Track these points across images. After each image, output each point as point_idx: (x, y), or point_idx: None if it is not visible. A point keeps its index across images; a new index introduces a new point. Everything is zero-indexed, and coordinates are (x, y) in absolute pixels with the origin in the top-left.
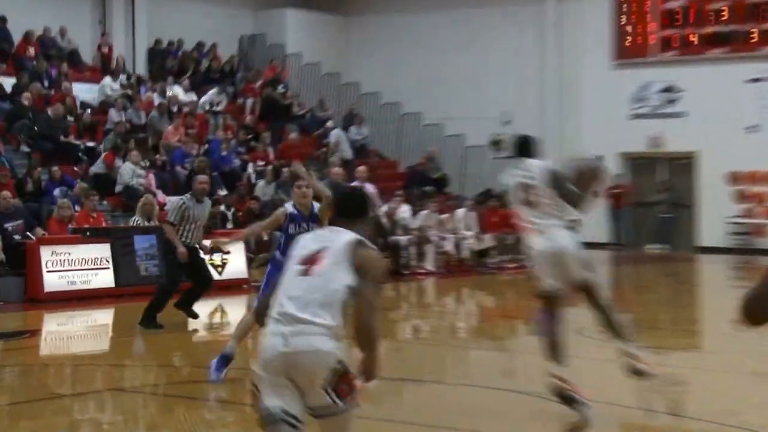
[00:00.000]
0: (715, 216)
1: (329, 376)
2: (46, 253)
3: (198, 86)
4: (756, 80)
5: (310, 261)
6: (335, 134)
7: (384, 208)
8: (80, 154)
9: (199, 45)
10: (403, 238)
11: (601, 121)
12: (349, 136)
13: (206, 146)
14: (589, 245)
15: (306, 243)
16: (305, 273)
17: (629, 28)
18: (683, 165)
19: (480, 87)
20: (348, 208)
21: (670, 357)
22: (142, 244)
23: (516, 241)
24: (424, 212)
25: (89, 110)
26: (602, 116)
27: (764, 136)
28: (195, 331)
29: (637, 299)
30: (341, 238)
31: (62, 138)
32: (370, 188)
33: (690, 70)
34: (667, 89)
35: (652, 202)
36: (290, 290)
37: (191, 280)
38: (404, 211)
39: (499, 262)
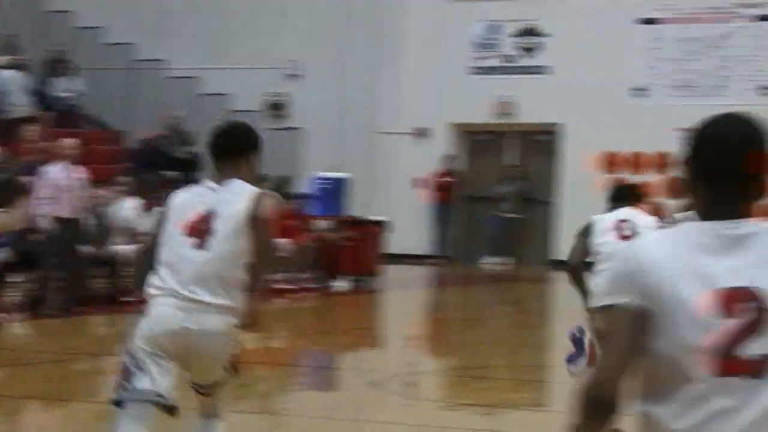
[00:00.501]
0: (580, 217)
1: (225, 355)
2: None
3: None
4: (649, 21)
5: (198, 230)
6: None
7: (97, 203)
8: None
9: None
10: (125, 248)
11: (426, 78)
12: (50, 91)
13: None
14: (403, 258)
15: (187, 202)
16: (198, 246)
17: None
18: (541, 143)
19: (253, 27)
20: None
21: (505, 417)
22: None
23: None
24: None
25: None
26: (429, 71)
27: (655, 102)
28: None
29: (461, 336)
30: (233, 199)
31: None
32: (77, 173)
33: (556, 7)
34: (524, 33)
35: (494, 196)
36: (180, 264)
37: None
38: (128, 207)
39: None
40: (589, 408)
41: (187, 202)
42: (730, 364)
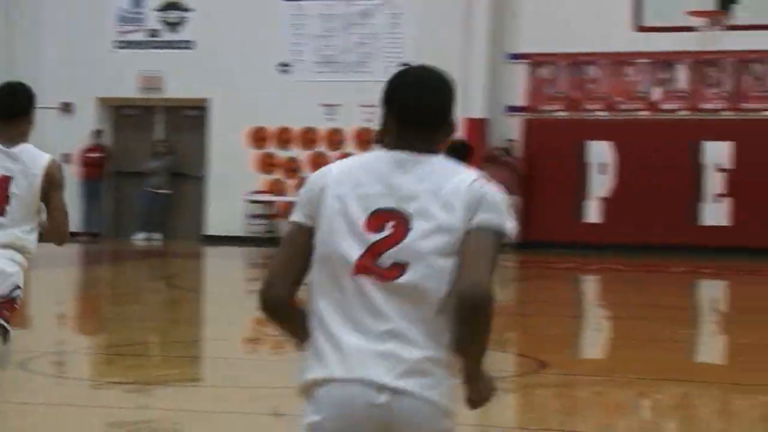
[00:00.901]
0: (230, 193)
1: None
2: None
3: None
4: None
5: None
6: None
7: None
8: None
9: None
10: None
11: (70, 52)
12: None
13: None
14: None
15: None
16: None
17: None
18: (189, 118)
19: None
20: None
21: (155, 394)
22: None
23: None
24: None
25: None
26: (72, 44)
27: (300, 78)
28: None
29: (113, 314)
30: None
31: None
32: None
33: None
34: (168, 7)
35: (143, 172)
36: None
37: None
38: None
39: None
40: (263, 305)
41: None
42: (373, 270)
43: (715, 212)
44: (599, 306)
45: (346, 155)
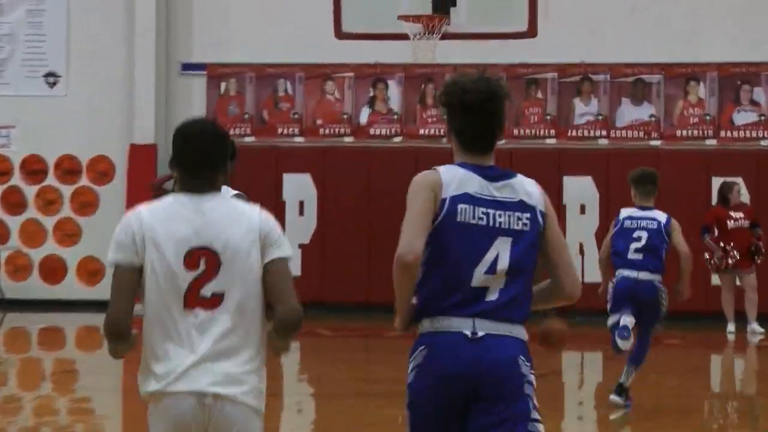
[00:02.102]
0: None
1: None
2: None
3: None
4: None
5: None
6: None
7: None
8: None
9: None
10: None
11: None
12: None
13: None
14: None
15: None
16: None
17: None
18: None
19: None
20: None
21: None
22: None
23: None
24: None
25: None
26: None
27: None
28: None
29: None
30: None
31: None
32: None
33: None
34: None
35: None
36: None
37: None
38: None
39: None
40: (108, 336)
41: None
42: (196, 301)
43: None
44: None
45: None
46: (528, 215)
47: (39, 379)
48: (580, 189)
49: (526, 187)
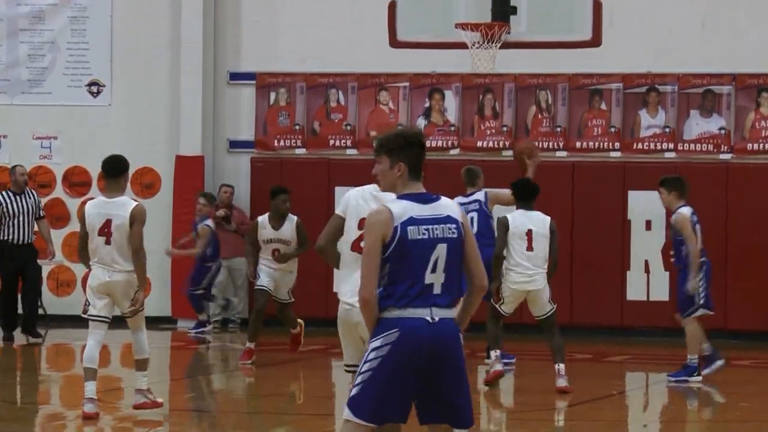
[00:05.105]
0: None
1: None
2: None
3: None
4: None
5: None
6: None
7: None
8: None
9: None
10: None
11: None
12: None
13: None
14: None
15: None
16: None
17: None
18: None
19: None
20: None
21: None
22: None
23: None
24: None
25: None
26: None
27: None
28: None
29: None
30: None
31: None
32: None
33: None
34: None
35: None
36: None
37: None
38: None
39: None
40: None
41: None
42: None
43: None
44: None
45: None
46: (454, 225)
47: (82, 397)
48: (645, 204)
49: (449, 205)
